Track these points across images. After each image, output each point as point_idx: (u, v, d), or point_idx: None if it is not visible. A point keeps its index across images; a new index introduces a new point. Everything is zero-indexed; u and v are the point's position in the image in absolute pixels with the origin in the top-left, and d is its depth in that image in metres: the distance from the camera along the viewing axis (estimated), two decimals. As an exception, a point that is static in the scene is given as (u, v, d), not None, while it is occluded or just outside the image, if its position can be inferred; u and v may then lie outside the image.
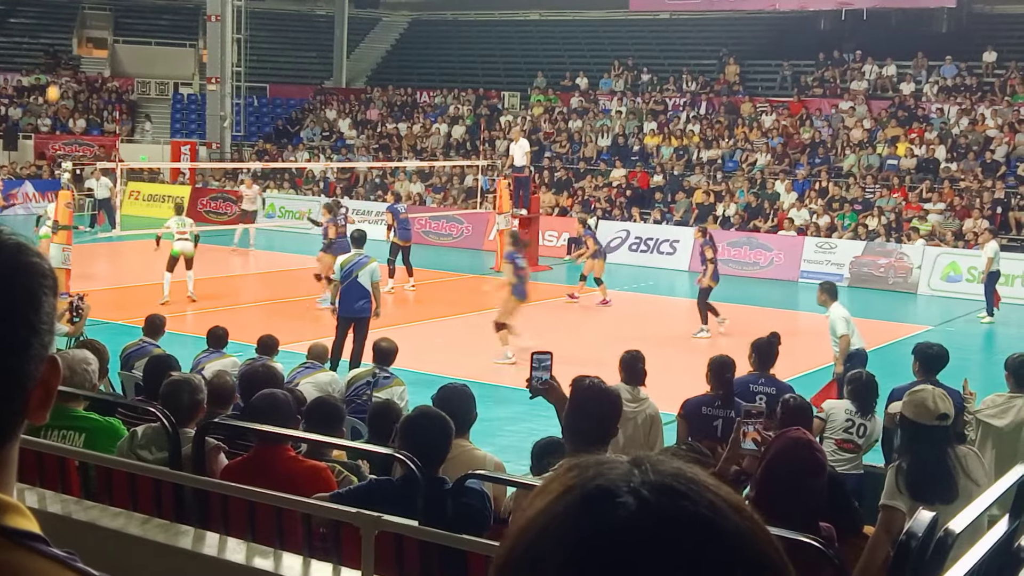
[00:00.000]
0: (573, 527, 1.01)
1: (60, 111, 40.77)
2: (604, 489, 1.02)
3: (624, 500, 1.01)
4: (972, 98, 32.89)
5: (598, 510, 1.01)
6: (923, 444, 5.62)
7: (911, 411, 5.68)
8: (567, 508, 1.03)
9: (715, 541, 1.01)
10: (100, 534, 4.95)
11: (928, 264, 25.64)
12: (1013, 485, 4.27)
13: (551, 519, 1.03)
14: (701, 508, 1.02)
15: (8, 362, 1.28)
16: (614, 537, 1.00)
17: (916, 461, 5.56)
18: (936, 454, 5.59)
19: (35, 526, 1.27)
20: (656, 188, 32.45)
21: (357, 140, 39.58)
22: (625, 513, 1.00)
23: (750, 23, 40.72)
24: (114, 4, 47.02)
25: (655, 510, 1.01)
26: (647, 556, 0.99)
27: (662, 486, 1.02)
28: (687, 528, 1.00)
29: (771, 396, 8.76)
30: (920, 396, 5.75)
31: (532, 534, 1.04)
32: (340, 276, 14.98)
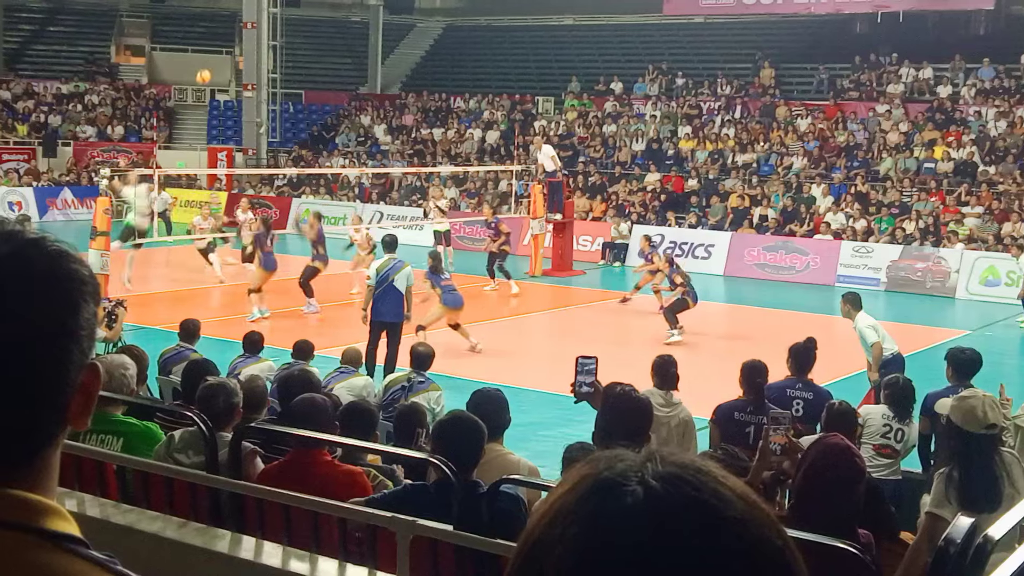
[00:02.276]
0: (581, 513, 1.05)
1: (98, 118, 41.16)
2: (613, 478, 1.06)
3: (632, 488, 1.04)
4: (1010, 100, 32.58)
5: (606, 497, 1.05)
6: (970, 452, 5.56)
7: (959, 418, 5.61)
8: (578, 496, 1.07)
9: (718, 527, 1.03)
10: (137, 538, 4.99)
11: (966, 268, 25.41)
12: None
13: (563, 506, 1.07)
14: (705, 495, 1.04)
15: (47, 368, 1.29)
16: (619, 522, 1.03)
17: (964, 470, 5.49)
18: (983, 463, 5.53)
19: (75, 529, 1.28)
20: (691, 192, 32.35)
21: (392, 146, 39.72)
22: (632, 500, 1.04)
23: (785, 26, 40.54)
24: (152, 12, 47.45)
25: (661, 497, 1.04)
26: (652, 540, 1.01)
27: (670, 476, 1.06)
28: (691, 513, 1.03)
29: (808, 401, 8.71)
30: (969, 404, 5.68)
31: (546, 521, 1.07)
32: (376, 281, 14.97)
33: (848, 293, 13.48)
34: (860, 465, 4.44)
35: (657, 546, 1.01)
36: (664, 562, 1.01)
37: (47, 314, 1.29)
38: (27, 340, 1.27)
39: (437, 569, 4.67)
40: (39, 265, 1.30)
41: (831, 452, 4.43)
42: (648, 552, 1.01)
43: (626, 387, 5.80)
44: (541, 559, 1.06)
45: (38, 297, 1.29)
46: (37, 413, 1.29)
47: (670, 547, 1.01)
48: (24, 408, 1.28)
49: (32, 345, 1.28)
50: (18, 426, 1.28)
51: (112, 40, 46.58)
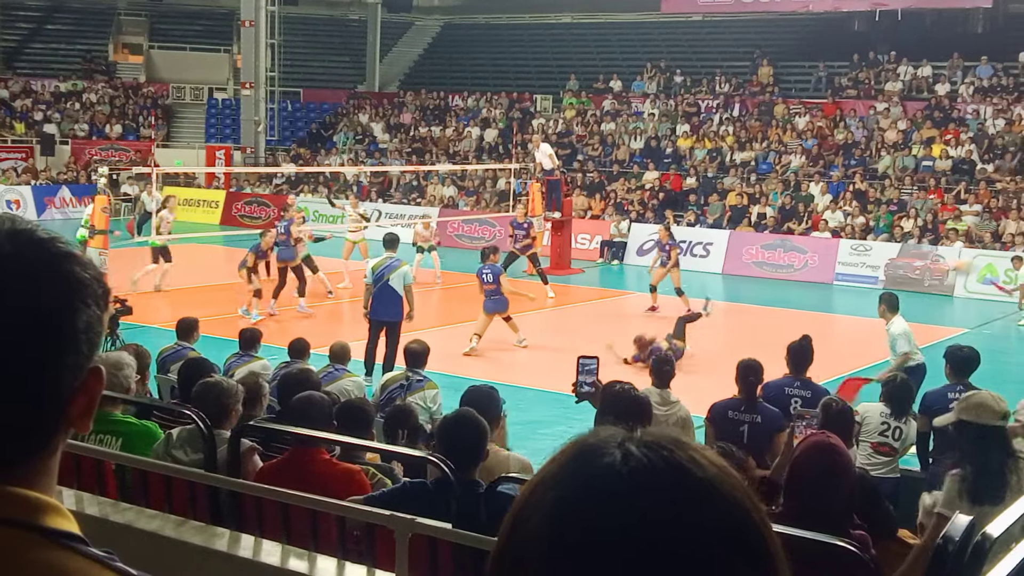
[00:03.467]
0: (562, 476, 1.11)
1: (96, 116, 41.16)
2: (596, 443, 1.12)
3: (612, 451, 1.10)
4: (1008, 99, 32.60)
5: (587, 460, 1.10)
6: (991, 446, 5.60)
7: (974, 415, 5.63)
8: (560, 464, 1.13)
9: (694, 487, 1.08)
10: (136, 536, 4.99)
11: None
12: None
13: (546, 475, 1.13)
14: (680, 458, 1.09)
15: (45, 369, 1.29)
16: (598, 481, 1.08)
17: (984, 465, 5.51)
18: (999, 457, 5.59)
19: (75, 526, 1.28)
20: (689, 190, 32.35)
21: (390, 144, 39.71)
22: (610, 460, 1.08)
23: (783, 24, 40.55)
24: (149, 10, 47.43)
25: (639, 459, 1.08)
26: (626, 498, 1.06)
27: (648, 443, 1.11)
28: (667, 475, 1.08)
29: (806, 399, 8.70)
30: (979, 398, 5.72)
31: (529, 490, 1.14)
32: (372, 280, 14.97)
33: (885, 293, 13.22)
34: (843, 462, 4.46)
35: (634, 504, 1.05)
36: (640, 519, 1.05)
37: (45, 315, 1.29)
38: (23, 339, 1.27)
39: (436, 567, 4.68)
40: (40, 266, 1.30)
41: (814, 449, 4.47)
42: (625, 509, 1.05)
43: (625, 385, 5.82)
44: (524, 524, 1.10)
45: (36, 298, 1.29)
46: (35, 412, 1.29)
47: (647, 505, 1.05)
48: (22, 407, 1.28)
49: (29, 345, 1.28)
50: (16, 424, 1.28)
51: (110, 38, 46.57)
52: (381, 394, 10.06)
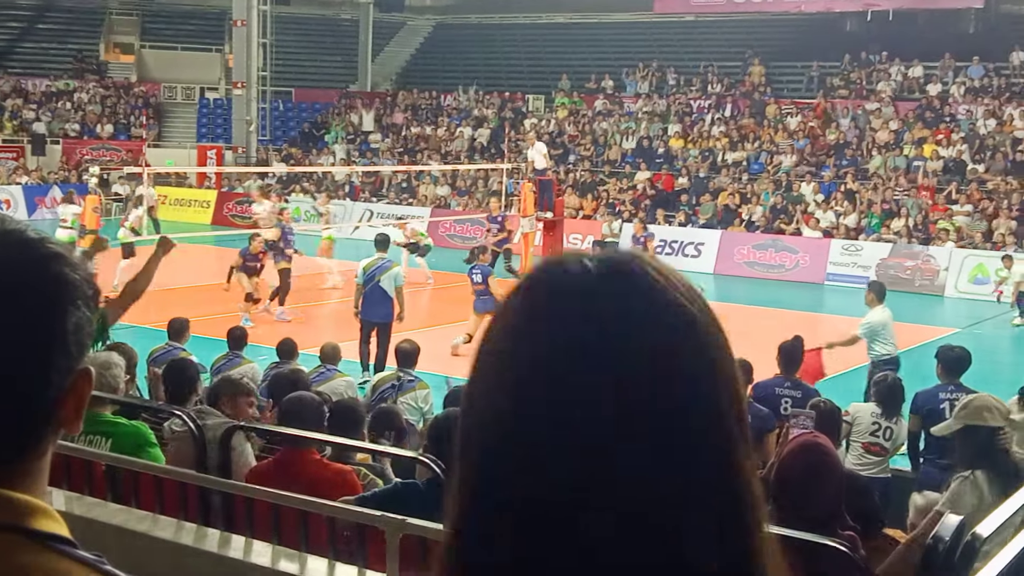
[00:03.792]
0: (524, 296, 1.10)
1: (87, 116, 41.09)
2: (557, 263, 1.11)
3: (572, 266, 1.09)
4: (999, 99, 32.67)
5: (547, 276, 1.10)
6: (996, 446, 5.63)
7: (980, 418, 5.63)
8: (522, 287, 1.12)
9: (643, 287, 1.07)
10: (127, 537, 4.98)
11: (955, 266, 25.47)
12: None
13: (509, 301, 1.12)
14: (635, 266, 1.09)
15: (32, 370, 1.29)
16: (556, 288, 1.07)
17: (997, 468, 5.53)
18: (1006, 456, 5.65)
19: (63, 529, 1.28)
20: (681, 190, 32.37)
21: (382, 144, 39.68)
22: (574, 270, 1.08)
23: (775, 24, 40.60)
24: (141, 9, 47.33)
25: (596, 269, 1.08)
26: (584, 300, 1.05)
27: (609, 258, 1.10)
28: (620, 278, 1.07)
29: (796, 400, 8.72)
30: (981, 401, 5.74)
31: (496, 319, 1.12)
32: (362, 280, 14.95)
33: (875, 282, 13.56)
34: (829, 461, 4.47)
35: (590, 303, 1.05)
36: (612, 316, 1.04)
37: (34, 316, 1.28)
38: (12, 341, 1.27)
39: (427, 568, 4.67)
40: (29, 267, 1.30)
41: (800, 449, 4.48)
42: (581, 310, 1.04)
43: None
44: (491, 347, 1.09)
45: (25, 299, 1.28)
46: (24, 414, 1.29)
47: (601, 303, 1.05)
48: (10, 409, 1.27)
49: (17, 346, 1.27)
50: (4, 426, 1.28)
51: (101, 38, 46.47)
52: (372, 394, 10.06)
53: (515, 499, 1.03)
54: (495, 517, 1.04)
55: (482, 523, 1.05)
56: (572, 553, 1.01)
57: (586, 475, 1.01)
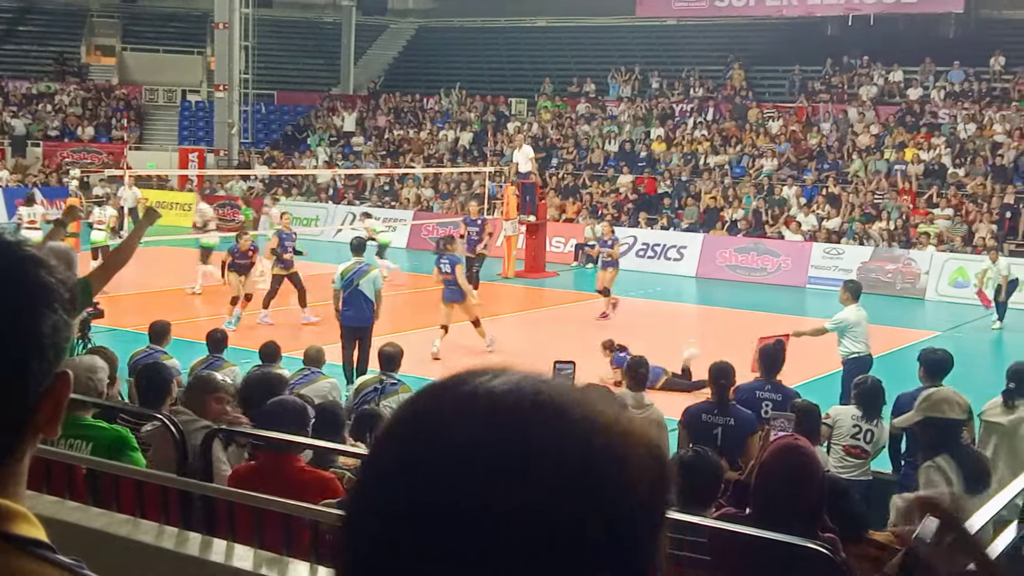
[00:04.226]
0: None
1: (68, 119, 40.91)
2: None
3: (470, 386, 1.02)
4: (980, 103, 32.84)
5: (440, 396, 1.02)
6: (953, 439, 5.72)
7: (939, 410, 5.72)
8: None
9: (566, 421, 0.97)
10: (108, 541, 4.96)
11: (936, 270, 25.59)
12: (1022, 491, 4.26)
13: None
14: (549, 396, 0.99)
15: (7, 374, 1.28)
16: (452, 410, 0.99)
17: (957, 455, 5.64)
18: (966, 448, 5.75)
19: (42, 533, 1.27)
20: (663, 194, 32.42)
21: (364, 147, 39.64)
22: (469, 389, 1.01)
23: (757, 28, 40.72)
24: (122, 12, 47.17)
25: (499, 392, 1.00)
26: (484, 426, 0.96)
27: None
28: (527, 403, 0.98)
29: (777, 403, 8.74)
30: (942, 395, 5.83)
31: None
32: (340, 285, 14.87)
33: (850, 281, 13.72)
34: (810, 464, 4.49)
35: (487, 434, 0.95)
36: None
37: (9, 320, 1.28)
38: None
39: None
40: (4, 270, 1.29)
41: (781, 451, 4.50)
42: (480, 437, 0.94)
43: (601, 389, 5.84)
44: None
45: (0, 302, 1.28)
46: (1, 418, 1.28)
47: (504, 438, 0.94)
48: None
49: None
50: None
51: (82, 40, 46.31)
52: (355, 398, 10.03)
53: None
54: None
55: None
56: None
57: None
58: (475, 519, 0.91)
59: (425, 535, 0.92)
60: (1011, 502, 4.26)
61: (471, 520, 0.91)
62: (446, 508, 0.92)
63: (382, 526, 0.95)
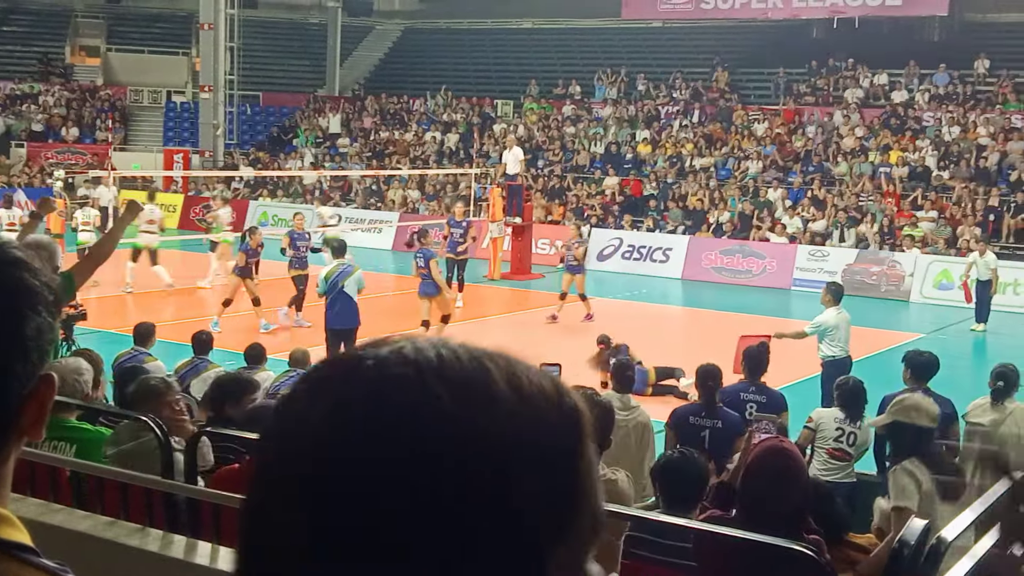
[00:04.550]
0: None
1: (53, 119, 40.76)
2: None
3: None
4: (964, 106, 32.98)
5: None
6: (924, 445, 5.78)
7: (907, 417, 5.80)
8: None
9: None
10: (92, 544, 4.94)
11: (920, 272, 25.67)
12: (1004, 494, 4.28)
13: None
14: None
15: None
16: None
17: (928, 460, 5.71)
18: (937, 454, 5.81)
19: (26, 537, 1.27)
20: (649, 196, 32.45)
21: (350, 148, 39.58)
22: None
23: (742, 31, 40.81)
24: (107, 12, 47.02)
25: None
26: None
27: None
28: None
29: (762, 404, 8.76)
30: (913, 401, 5.91)
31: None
32: (324, 289, 14.80)
33: (832, 283, 13.75)
34: (796, 465, 4.51)
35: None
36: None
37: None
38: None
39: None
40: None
41: (767, 453, 4.51)
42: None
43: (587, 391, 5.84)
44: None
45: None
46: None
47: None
48: None
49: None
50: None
51: (67, 41, 46.15)
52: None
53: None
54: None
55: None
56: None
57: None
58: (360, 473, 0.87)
59: (307, 494, 0.89)
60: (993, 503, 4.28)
61: (355, 474, 0.87)
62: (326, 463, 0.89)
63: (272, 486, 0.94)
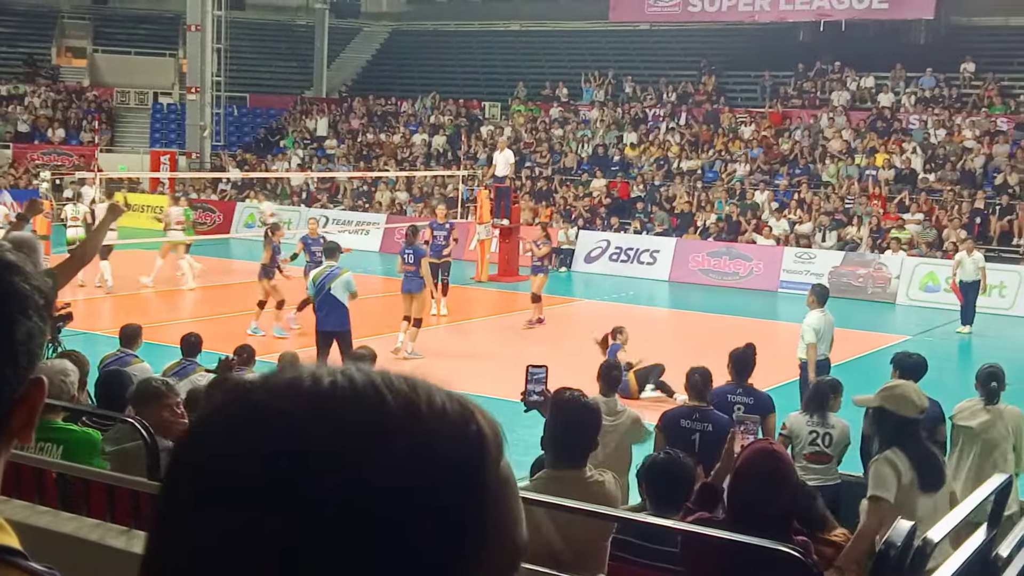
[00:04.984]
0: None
1: (39, 120, 40.63)
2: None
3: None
4: (950, 109, 33.10)
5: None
6: (908, 436, 5.83)
7: (895, 405, 5.84)
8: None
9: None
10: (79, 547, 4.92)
11: (907, 274, 25.76)
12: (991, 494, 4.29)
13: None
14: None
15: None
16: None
17: (912, 452, 5.77)
18: (922, 445, 5.88)
19: (14, 540, 1.26)
20: (636, 198, 32.50)
21: (337, 150, 39.53)
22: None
23: (730, 34, 40.88)
24: (93, 13, 46.86)
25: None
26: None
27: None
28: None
29: (749, 406, 8.75)
30: (902, 391, 5.94)
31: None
32: (313, 291, 14.83)
33: (817, 285, 13.77)
34: (785, 467, 4.52)
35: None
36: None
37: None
38: None
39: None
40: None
41: (757, 455, 4.53)
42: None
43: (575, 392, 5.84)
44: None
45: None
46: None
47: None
48: None
49: None
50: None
51: (53, 42, 45.99)
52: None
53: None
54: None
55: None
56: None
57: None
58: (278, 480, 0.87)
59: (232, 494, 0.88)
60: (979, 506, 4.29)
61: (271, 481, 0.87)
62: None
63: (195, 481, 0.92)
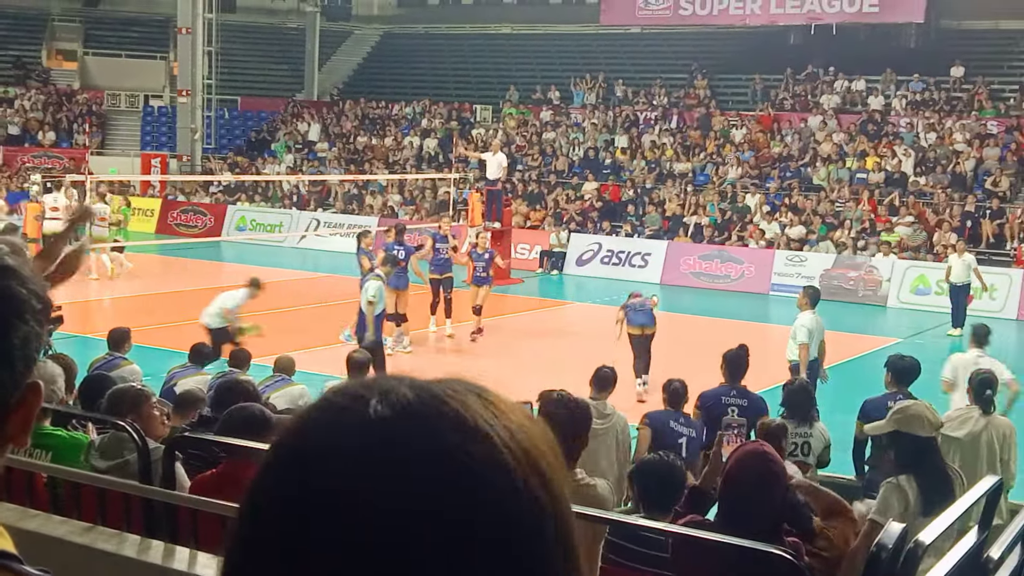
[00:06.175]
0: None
1: (29, 123, 40.53)
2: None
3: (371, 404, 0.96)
4: (940, 112, 33.18)
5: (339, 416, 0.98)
6: (925, 456, 5.74)
7: (909, 426, 5.75)
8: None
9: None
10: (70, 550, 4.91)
11: (897, 277, 25.81)
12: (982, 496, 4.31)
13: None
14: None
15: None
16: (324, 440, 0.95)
17: (921, 475, 5.65)
18: (937, 464, 5.77)
19: (9, 545, 1.26)
20: (628, 201, 32.52)
21: (329, 153, 39.49)
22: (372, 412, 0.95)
23: (721, 37, 40.94)
24: (84, 16, 46.78)
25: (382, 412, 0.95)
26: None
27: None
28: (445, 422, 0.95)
29: (743, 408, 8.75)
30: (915, 410, 5.85)
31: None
32: None
33: (809, 286, 13.76)
34: (776, 470, 4.53)
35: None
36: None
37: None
38: None
39: None
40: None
41: (749, 457, 4.53)
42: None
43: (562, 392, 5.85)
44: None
45: None
46: None
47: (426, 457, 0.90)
48: None
49: None
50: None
51: (44, 44, 45.89)
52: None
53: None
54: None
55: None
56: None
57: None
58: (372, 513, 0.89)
59: (322, 525, 0.91)
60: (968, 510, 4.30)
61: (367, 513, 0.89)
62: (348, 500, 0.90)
63: (281, 512, 0.95)
